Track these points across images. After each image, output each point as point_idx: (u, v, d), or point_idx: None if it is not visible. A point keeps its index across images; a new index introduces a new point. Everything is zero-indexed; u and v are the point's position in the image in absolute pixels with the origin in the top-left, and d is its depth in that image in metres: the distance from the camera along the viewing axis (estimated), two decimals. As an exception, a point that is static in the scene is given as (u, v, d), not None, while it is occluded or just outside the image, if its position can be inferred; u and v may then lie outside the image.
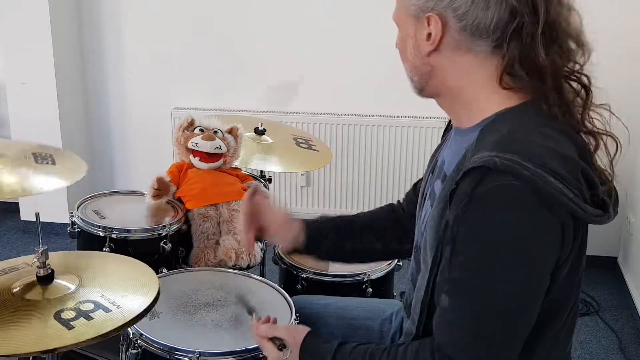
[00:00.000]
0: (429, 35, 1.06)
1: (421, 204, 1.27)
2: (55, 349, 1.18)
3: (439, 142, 1.31)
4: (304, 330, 1.23)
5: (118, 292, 1.35)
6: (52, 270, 1.36)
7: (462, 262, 1.00)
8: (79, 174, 1.52)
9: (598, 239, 3.23)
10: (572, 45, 1.06)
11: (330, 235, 1.43)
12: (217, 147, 1.99)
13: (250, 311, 1.42)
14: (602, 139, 1.10)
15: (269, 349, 1.24)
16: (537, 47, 1.02)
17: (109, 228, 1.84)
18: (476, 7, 1.01)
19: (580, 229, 1.03)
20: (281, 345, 1.23)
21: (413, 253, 1.29)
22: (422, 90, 1.14)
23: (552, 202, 0.95)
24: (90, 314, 1.26)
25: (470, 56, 1.05)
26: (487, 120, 1.07)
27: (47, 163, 1.54)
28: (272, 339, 1.24)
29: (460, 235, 0.99)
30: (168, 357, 1.37)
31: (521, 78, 1.04)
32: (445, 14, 1.03)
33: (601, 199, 1.04)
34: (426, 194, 1.24)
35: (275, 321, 1.31)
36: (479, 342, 1.01)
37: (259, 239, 1.43)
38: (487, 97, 1.07)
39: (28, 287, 1.35)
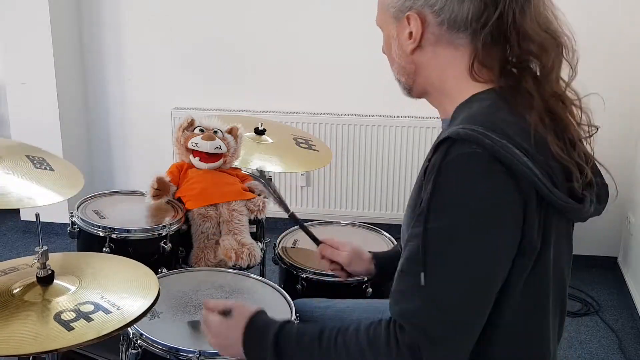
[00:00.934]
0: (410, 33, 1.10)
1: None
2: (55, 350, 1.19)
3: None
4: (257, 307, 1.21)
5: (118, 294, 1.35)
6: (52, 272, 1.36)
7: (426, 232, 0.99)
8: (79, 181, 1.54)
9: (598, 239, 3.23)
10: (536, 41, 1.06)
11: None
12: (217, 147, 1.99)
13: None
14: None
15: (212, 319, 1.22)
16: (499, 42, 1.05)
17: (109, 228, 1.84)
18: (452, 1, 1.05)
19: (549, 215, 1.01)
20: (226, 311, 1.21)
21: None
22: (411, 90, 1.18)
23: (514, 172, 0.96)
24: (90, 316, 1.26)
25: (451, 49, 1.09)
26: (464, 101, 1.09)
27: (46, 169, 1.54)
28: (220, 312, 1.22)
29: (429, 206, 0.99)
30: (168, 357, 1.37)
31: (489, 69, 1.07)
32: (423, 10, 1.08)
33: (582, 193, 1.04)
34: None
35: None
36: (429, 316, 0.98)
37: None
38: (468, 86, 1.09)
39: (28, 287, 1.35)
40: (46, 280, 1.35)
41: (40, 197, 1.45)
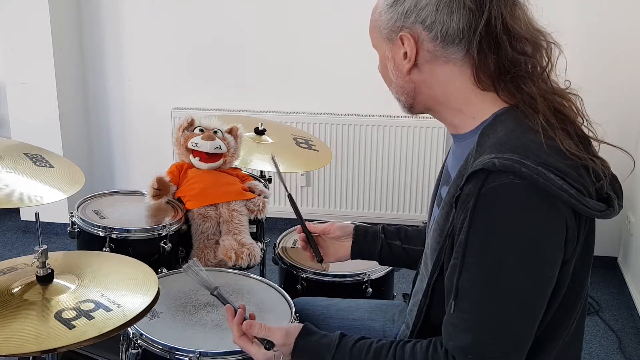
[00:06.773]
0: (405, 54, 1.10)
1: (430, 210, 1.28)
2: (56, 349, 1.18)
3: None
4: (297, 328, 1.21)
5: (118, 292, 1.35)
6: (52, 270, 1.36)
7: (470, 266, 1.01)
8: (80, 177, 1.54)
9: (598, 239, 3.18)
10: (529, 44, 1.07)
11: (380, 236, 1.51)
12: (217, 147, 1.99)
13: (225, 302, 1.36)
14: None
15: (254, 352, 1.22)
16: (491, 48, 1.05)
17: (109, 228, 1.84)
18: (441, 14, 1.04)
19: (584, 224, 1.03)
20: (268, 344, 1.21)
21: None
22: (412, 107, 1.17)
23: (553, 199, 0.96)
24: (91, 314, 1.26)
25: (449, 65, 1.08)
26: (485, 122, 1.08)
27: (46, 166, 1.55)
28: (259, 339, 1.23)
29: (469, 239, 1.00)
30: (168, 357, 1.37)
31: (487, 77, 1.07)
32: (415, 28, 1.07)
33: (606, 192, 1.04)
34: (435, 199, 1.26)
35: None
36: (485, 346, 1.01)
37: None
38: (478, 100, 1.09)
39: (28, 287, 1.35)
40: (46, 279, 1.35)
41: (46, 195, 1.45)
